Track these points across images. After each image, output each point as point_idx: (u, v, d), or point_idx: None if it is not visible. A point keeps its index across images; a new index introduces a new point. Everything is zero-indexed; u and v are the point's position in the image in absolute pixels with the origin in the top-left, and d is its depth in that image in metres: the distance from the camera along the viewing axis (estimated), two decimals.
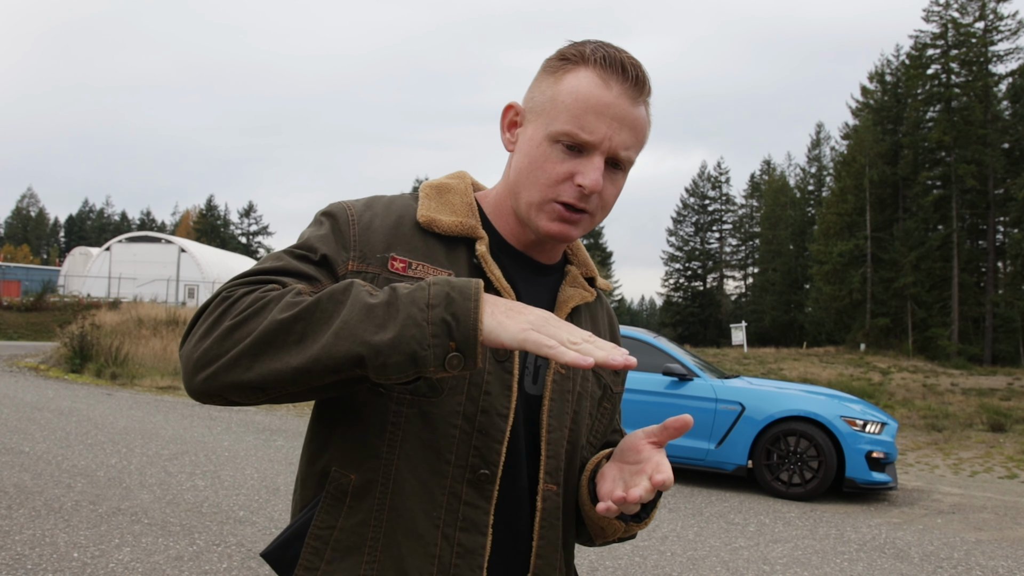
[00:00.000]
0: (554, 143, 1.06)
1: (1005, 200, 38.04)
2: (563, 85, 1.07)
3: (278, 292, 0.95)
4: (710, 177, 71.48)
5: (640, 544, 5.53)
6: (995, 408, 15.59)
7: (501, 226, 1.16)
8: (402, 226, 1.10)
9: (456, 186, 1.18)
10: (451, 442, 1.03)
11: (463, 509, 1.03)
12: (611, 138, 1.05)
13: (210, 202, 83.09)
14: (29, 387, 13.36)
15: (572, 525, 1.18)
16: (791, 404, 7.61)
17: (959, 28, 40.08)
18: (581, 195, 1.06)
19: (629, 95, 1.05)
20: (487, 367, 1.06)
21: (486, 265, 1.09)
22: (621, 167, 1.09)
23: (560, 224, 1.08)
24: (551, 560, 1.10)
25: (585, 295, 1.19)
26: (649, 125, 1.12)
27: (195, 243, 52.83)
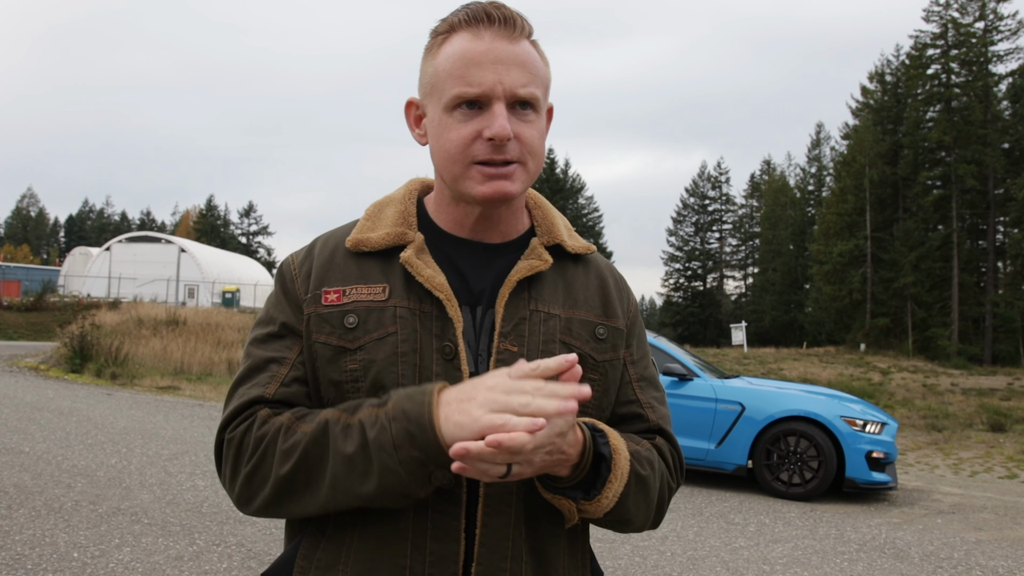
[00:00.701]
0: (452, 112, 1.04)
1: (1005, 200, 38.05)
2: (440, 56, 1.07)
3: (271, 434, 1.03)
4: (710, 177, 71.49)
5: (640, 544, 5.53)
6: (995, 408, 15.60)
7: (443, 219, 1.15)
8: (335, 257, 1.13)
9: (396, 196, 1.19)
10: None
11: (433, 517, 1.02)
12: (501, 81, 1.02)
13: (210, 202, 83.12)
14: (29, 387, 13.36)
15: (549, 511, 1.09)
16: (791, 404, 7.61)
17: (959, 28, 40.09)
18: (495, 147, 1.03)
19: (503, 35, 1.04)
20: (436, 369, 1.05)
21: (412, 268, 1.08)
22: (530, 107, 1.06)
23: (491, 183, 1.04)
24: (498, 549, 1.04)
25: (536, 264, 1.12)
26: (543, 62, 1.10)
27: (195, 243, 52.84)
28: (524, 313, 1.11)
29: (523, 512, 1.07)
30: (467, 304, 1.11)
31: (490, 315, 1.11)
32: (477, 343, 1.10)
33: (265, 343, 1.12)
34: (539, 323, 1.11)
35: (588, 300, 1.18)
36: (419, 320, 1.07)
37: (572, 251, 1.19)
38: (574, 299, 1.17)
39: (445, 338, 1.06)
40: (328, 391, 1.07)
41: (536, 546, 1.09)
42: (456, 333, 1.06)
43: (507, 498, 1.05)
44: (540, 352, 1.09)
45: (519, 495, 1.07)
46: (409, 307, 1.08)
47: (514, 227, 1.17)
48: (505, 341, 1.08)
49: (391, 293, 1.09)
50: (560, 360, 0.93)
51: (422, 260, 1.10)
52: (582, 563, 1.17)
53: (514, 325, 1.09)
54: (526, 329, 1.10)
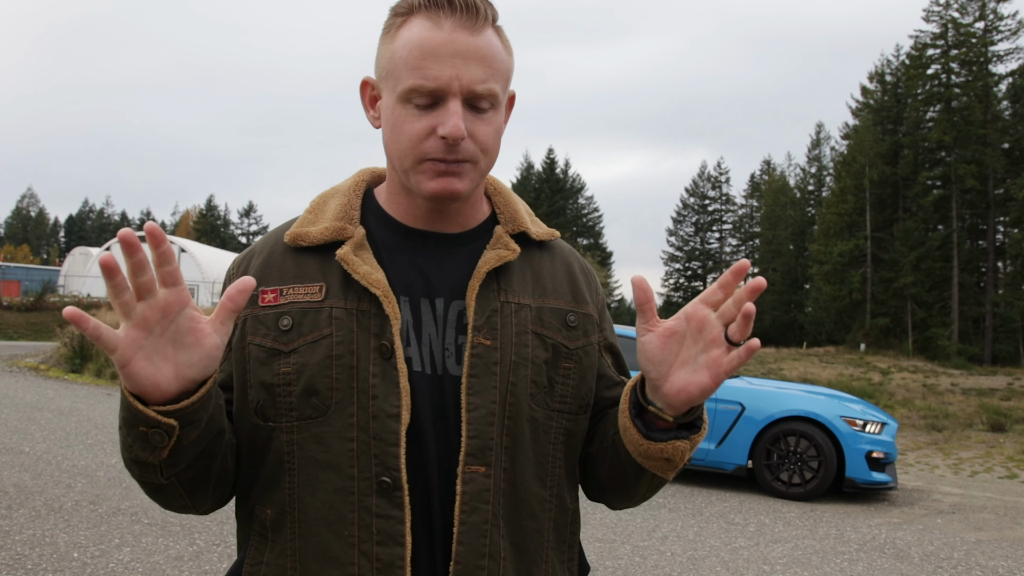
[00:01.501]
0: (406, 103, 1.01)
1: (1005, 200, 38.04)
2: (398, 41, 1.02)
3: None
4: (710, 177, 71.51)
5: (640, 544, 5.53)
6: (995, 408, 15.60)
7: (395, 209, 1.11)
8: (273, 254, 1.10)
9: (342, 188, 1.16)
10: (350, 456, 1.00)
11: (377, 522, 0.99)
12: (458, 77, 0.98)
13: (210, 202, 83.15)
14: (29, 387, 13.36)
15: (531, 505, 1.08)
16: (791, 404, 7.61)
17: (959, 28, 40.09)
18: (447, 146, 0.99)
19: (464, 26, 0.99)
20: (373, 370, 1.01)
21: (348, 266, 1.04)
22: (489, 105, 1.02)
23: (440, 180, 1.01)
24: (476, 546, 1.01)
25: (505, 254, 1.09)
26: (505, 51, 1.05)
27: (195, 243, 52.81)
28: (495, 305, 1.07)
29: (503, 508, 1.04)
30: (426, 297, 1.07)
31: (455, 307, 1.07)
32: (442, 337, 1.06)
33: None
34: (511, 314, 1.08)
35: (557, 288, 1.15)
36: (356, 320, 1.03)
37: (537, 238, 1.16)
38: (543, 287, 1.14)
39: (383, 336, 1.02)
40: (258, 393, 1.04)
41: (518, 541, 1.06)
42: (393, 331, 1.02)
43: (485, 495, 1.02)
44: (514, 344, 1.07)
45: (499, 491, 1.04)
46: (346, 307, 1.04)
47: (472, 216, 1.13)
48: (479, 335, 1.05)
49: (327, 293, 1.05)
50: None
51: (359, 257, 1.06)
52: (568, 558, 1.15)
53: (486, 318, 1.06)
54: (498, 321, 1.07)
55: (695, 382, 0.96)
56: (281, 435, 1.02)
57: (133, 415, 0.89)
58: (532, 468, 1.08)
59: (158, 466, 0.94)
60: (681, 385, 0.97)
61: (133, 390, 0.88)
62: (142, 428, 0.89)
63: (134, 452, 0.93)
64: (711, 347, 0.95)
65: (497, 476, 1.04)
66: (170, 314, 0.87)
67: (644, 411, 1.03)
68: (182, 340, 0.88)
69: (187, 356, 0.88)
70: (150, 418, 0.88)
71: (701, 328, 0.96)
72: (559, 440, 1.11)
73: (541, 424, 1.09)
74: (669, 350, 0.98)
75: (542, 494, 1.09)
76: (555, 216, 62.81)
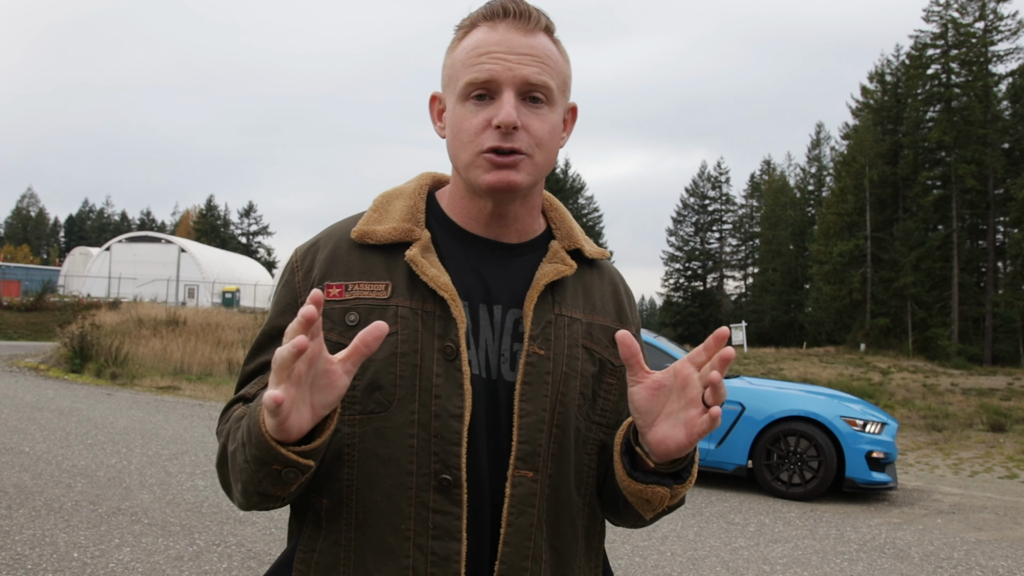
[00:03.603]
0: (464, 102, 1.06)
1: (1005, 200, 38.04)
2: (458, 50, 1.08)
3: (226, 427, 1.08)
4: (710, 177, 71.49)
5: (640, 544, 5.53)
6: (995, 408, 15.59)
7: (458, 215, 1.15)
8: (339, 249, 1.13)
9: (406, 189, 1.18)
10: (410, 452, 1.03)
11: (433, 517, 1.02)
12: (511, 69, 1.03)
13: (210, 202, 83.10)
14: (29, 387, 13.36)
15: (571, 512, 1.12)
16: (791, 404, 7.61)
17: (959, 28, 40.08)
18: (502, 135, 1.03)
19: (517, 28, 1.05)
20: (436, 369, 1.04)
21: (417, 268, 1.07)
22: (544, 99, 1.06)
23: (496, 172, 1.05)
24: (521, 548, 1.05)
25: (563, 269, 1.13)
26: (561, 57, 1.10)
27: (195, 243, 52.82)
28: (550, 317, 1.11)
29: (547, 513, 1.08)
30: (484, 303, 1.11)
31: (512, 315, 1.11)
32: (498, 343, 1.10)
33: (262, 348, 1.14)
34: (564, 327, 1.12)
35: (604, 305, 1.20)
36: (421, 320, 1.06)
37: (589, 256, 1.20)
38: (592, 304, 1.18)
39: (447, 338, 1.06)
40: None
41: (557, 545, 1.10)
42: (459, 334, 1.05)
43: (531, 499, 1.06)
44: (566, 356, 1.11)
45: (544, 496, 1.07)
46: (411, 307, 1.07)
47: (530, 227, 1.17)
48: (534, 344, 1.08)
49: (393, 291, 1.08)
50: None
51: (427, 259, 1.09)
52: (595, 564, 1.19)
53: (542, 328, 1.10)
54: (552, 332, 1.11)
55: (673, 437, 0.98)
56: (342, 427, 1.04)
57: (272, 456, 0.91)
58: (572, 476, 1.12)
59: (284, 498, 0.99)
60: (661, 437, 0.99)
61: (278, 437, 0.90)
62: (275, 466, 0.92)
63: (263, 487, 0.95)
64: (690, 406, 0.97)
65: (543, 482, 1.07)
66: (314, 364, 0.89)
67: (632, 450, 1.06)
68: (318, 383, 0.90)
69: (322, 398, 0.90)
70: (289, 460, 0.91)
71: (684, 386, 0.98)
72: (594, 451, 1.15)
73: (583, 435, 1.13)
74: (656, 402, 1.00)
75: (578, 502, 1.13)
76: None
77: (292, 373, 0.86)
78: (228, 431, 1.05)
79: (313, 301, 0.85)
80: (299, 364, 0.86)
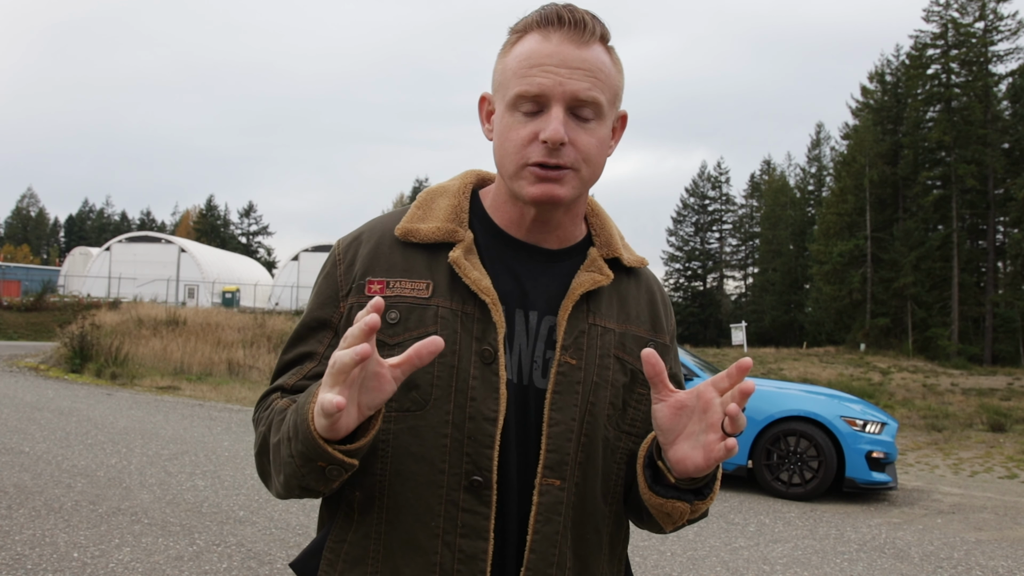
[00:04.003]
0: (514, 111, 1.06)
1: (1005, 200, 38.05)
2: (511, 55, 1.08)
3: (267, 417, 1.10)
4: (710, 177, 71.50)
5: (640, 544, 5.53)
6: (995, 408, 15.60)
7: (501, 218, 1.15)
8: (382, 245, 1.13)
9: (451, 187, 1.18)
10: (442, 452, 1.04)
11: (462, 516, 1.04)
12: (562, 84, 1.02)
13: (210, 202, 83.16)
14: (29, 387, 13.36)
15: (596, 520, 1.13)
16: (791, 404, 7.61)
17: (959, 28, 40.09)
18: (549, 150, 1.03)
19: (571, 39, 1.04)
20: (473, 372, 1.05)
21: (459, 270, 1.08)
22: (592, 114, 1.06)
23: (541, 185, 1.05)
24: (547, 555, 1.06)
25: (599, 279, 1.13)
26: (614, 68, 1.09)
27: (195, 243, 52.85)
28: (583, 327, 1.12)
29: (572, 521, 1.09)
30: (520, 308, 1.11)
31: (546, 322, 1.11)
32: (532, 349, 1.10)
33: (301, 338, 1.15)
34: (596, 337, 1.13)
35: (639, 315, 1.20)
36: (460, 321, 1.07)
37: (628, 264, 1.20)
38: (627, 313, 1.18)
39: (485, 341, 1.06)
40: None
41: (581, 552, 1.11)
42: (497, 337, 1.06)
43: (558, 507, 1.07)
44: (597, 366, 1.12)
45: (570, 504, 1.09)
46: (451, 307, 1.08)
47: (572, 233, 1.17)
48: (566, 354, 1.09)
49: (434, 291, 1.09)
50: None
51: (470, 261, 1.09)
52: (618, 570, 1.20)
53: (574, 338, 1.10)
54: (584, 342, 1.11)
55: (692, 458, 0.99)
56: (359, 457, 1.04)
57: (319, 455, 0.93)
58: (599, 485, 1.13)
59: (325, 492, 1.01)
60: (681, 456, 1.00)
61: (325, 435, 0.92)
62: (320, 463, 0.94)
63: (306, 481, 0.97)
64: (710, 431, 0.98)
65: (570, 490, 1.08)
66: (366, 366, 0.90)
67: (655, 463, 1.07)
68: (367, 384, 0.91)
69: (369, 399, 0.91)
70: (335, 458, 0.93)
71: (706, 409, 0.98)
72: (623, 460, 1.16)
73: (611, 444, 1.14)
74: (678, 421, 1.00)
75: (604, 510, 1.14)
76: None
77: (349, 378, 0.87)
78: (270, 421, 1.06)
79: (375, 309, 0.86)
80: (355, 369, 0.87)
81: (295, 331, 1.16)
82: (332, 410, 0.85)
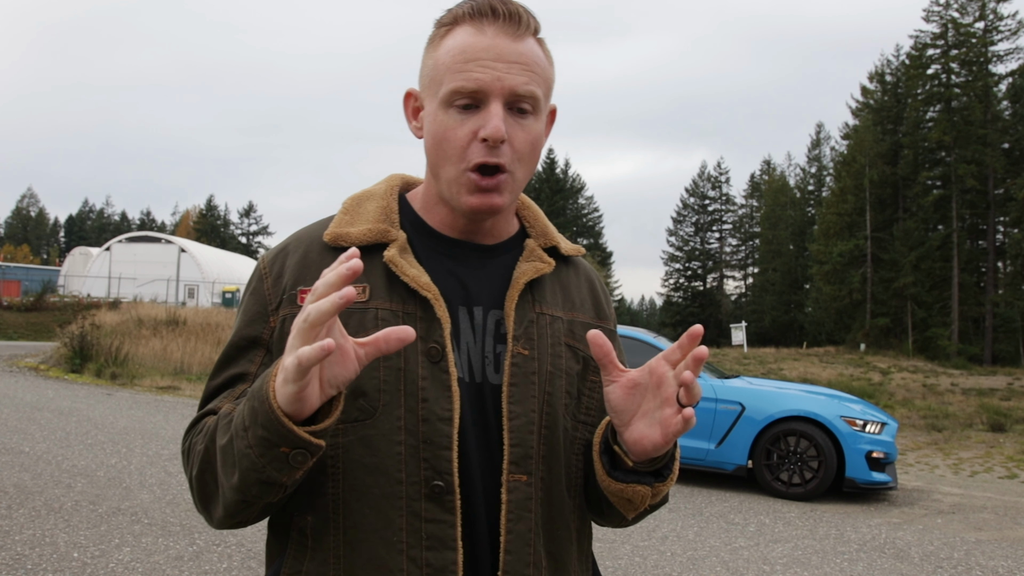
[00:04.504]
0: (448, 108, 1.02)
1: (1005, 200, 38.05)
2: (441, 49, 1.04)
3: (200, 439, 1.02)
4: (710, 177, 71.49)
5: (640, 544, 5.53)
6: (995, 408, 15.59)
7: (433, 218, 1.12)
8: (310, 253, 1.08)
9: (377, 191, 1.15)
10: (398, 460, 0.99)
11: (426, 527, 0.98)
12: (500, 79, 0.99)
13: (210, 202, 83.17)
14: (29, 387, 13.36)
15: (564, 514, 1.09)
16: (791, 404, 7.61)
17: (959, 28, 40.09)
18: (489, 149, 1.00)
19: (506, 32, 1.01)
20: (421, 372, 1.01)
21: (396, 268, 1.04)
22: (530, 108, 1.03)
23: (480, 196, 1.02)
24: (522, 555, 1.02)
25: (541, 267, 1.11)
26: (547, 61, 1.06)
27: (195, 243, 52.84)
28: (532, 316, 1.09)
29: (541, 518, 1.06)
30: (464, 305, 1.08)
31: (492, 316, 1.09)
32: (480, 345, 1.07)
33: (231, 360, 1.09)
34: (546, 325, 1.11)
35: (583, 303, 1.18)
36: (402, 322, 1.03)
37: (565, 253, 1.19)
38: (572, 301, 1.17)
39: (431, 339, 1.02)
40: None
41: (553, 550, 1.08)
42: (444, 334, 1.02)
43: (528, 503, 1.03)
44: (550, 355, 1.09)
45: (538, 500, 1.05)
46: (391, 308, 1.04)
47: (505, 228, 1.15)
48: (518, 344, 1.06)
49: (372, 294, 1.04)
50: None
51: (405, 259, 1.06)
52: (586, 566, 1.17)
53: (524, 328, 1.08)
54: (535, 332, 1.09)
55: (649, 436, 0.96)
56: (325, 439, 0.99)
57: (281, 437, 0.85)
58: (563, 478, 1.09)
59: (285, 486, 0.92)
60: (638, 436, 0.97)
61: (289, 411, 0.84)
62: (284, 449, 0.86)
63: (266, 473, 0.88)
64: (665, 405, 0.95)
65: (536, 485, 1.05)
66: (330, 332, 0.83)
67: (611, 449, 1.04)
68: (331, 358, 0.84)
69: (333, 374, 0.85)
70: (300, 439, 0.85)
71: (660, 384, 0.96)
72: (580, 451, 1.12)
73: (570, 435, 1.11)
74: (632, 401, 0.97)
75: (570, 504, 1.11)
76: (555, 216, 62.72)
77: (322, 332, 0.81)
78: (213, 430, 0.98)
79: (350, 256, 0.81)
80: (322, 329, 0.81)
81: (222, 353, 1.10)
82: (319, 355, 0.77)
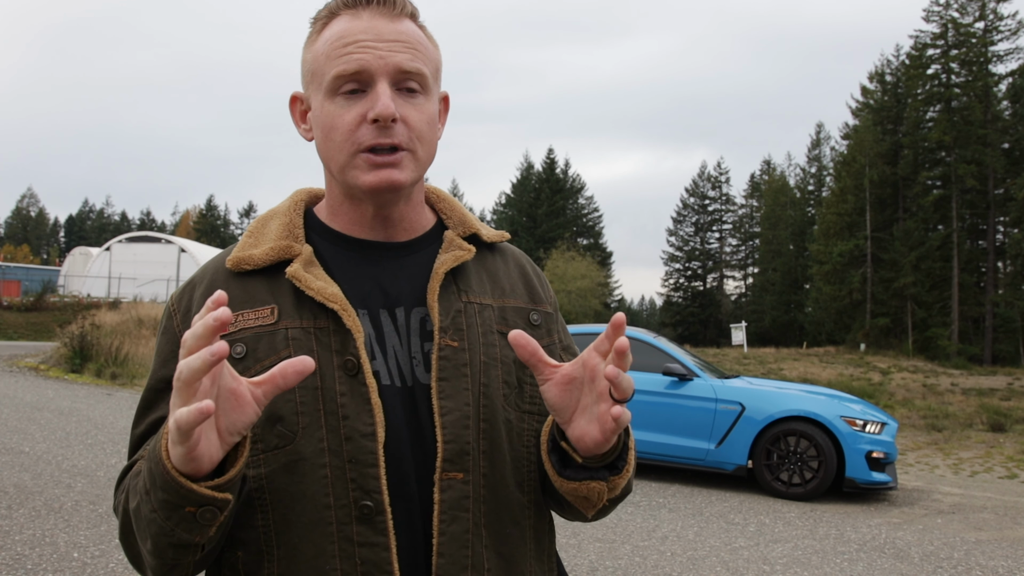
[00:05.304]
0: (334, 96, 0.98)
1: (1005, 200, 38.07)
2: (319, 42, 1.01)
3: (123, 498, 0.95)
4: (710, 177, 71.50)
5: (640, 544, 5.53)
6: (995, 408, 15.59)
7: (340, 222, 1.07)
8: (215, 283, 1.04)
9: (280, 209, 1.11)
10: (324, 484, 0.94)
11: (359, 552, 0.93)
12: (383, 57, 0.97)
13: (210, 202, 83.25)
14: (29, 387, 13.36)
15: (513, 511, 1.03)
16: (791, 404, 7.61)
17: (959, 28, 40.11)
18: (380, 129, 0.96)
19: (383, 14, 0.99)
20: (339, 388, 0.96)
21: (300, 283, 0.99)
22: (419, 86, 1.00)
23: (377, 172, 0.98)
24: (458, 558, 0.96)
25: (460, 255, 1.07)
26: (431, 44, 1.04)
27: (195, 243, 52.83)
28: (459, 306, 1.05)
29: (485, 516, 1.00)
30: (385, 308, 1.04)
31: (416, 314, 1.04)
32: (407, 346, 1.02)
33: (150, 405, 1.04)
34: (475, 315, 1.06)
35: (514, 288, 1.14)
36: (315, 338, 0.98)
37: (488, 240, 1.14)
38: (501, 288, 1.12)
39: (346, 352, 0.98)
40: None
41: (503, 551, 1.02)
42: (357, 345, 0.98)
43: (464, 502, 0.97)
44: (482, 344, 1.04)
45: (479, 498, 0.99)
46: (302, 326, 0.99)
47: (418, 222, 1.10)
48: (445, 336, 1.01)
49: (280, 314, 1.00)
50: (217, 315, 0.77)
51: (311, 273, 1.01)
52: (548, 568, 1.11)
53: (451, 319, 1.03)
54: (463, 322, 1.04)
55: (589, 433, 0.92)
56: (247, 471, 0.95)
57: (182, 497, 0.80)
58: (511, 473, 1.03)
59: (201, 546, 0.86)
60: (580, 433, 0.92)
61: (187, 471, 0.79)
62: (189, 509, 0.81)
63: (176, 536, 0.83)
64: (601, 400, 0.90)
65: (476, 482, 0.99)
66: (216, 380, 0.78)
67: (560, 447, 0.99)
68: (224, 405, 0.80)
69: (230, 422, 0.81)
70: (203, 496, 0.80)
71: (593, 378, 0.91)
72: (531, 443, 1.07)
73: (515, 426, 1.05)
74: (570, 396, 0.92)
75: (522, 500, 1.05)
76: (555, 216, 62.71)
77: (200, 389, 0.75)
78: (127, 491, 0.93)
79: (217, 303, 0.75)
80: (205, 379, 0.76)
81: (142, 399, 1.05)
82: (197, 418, 0.72)
